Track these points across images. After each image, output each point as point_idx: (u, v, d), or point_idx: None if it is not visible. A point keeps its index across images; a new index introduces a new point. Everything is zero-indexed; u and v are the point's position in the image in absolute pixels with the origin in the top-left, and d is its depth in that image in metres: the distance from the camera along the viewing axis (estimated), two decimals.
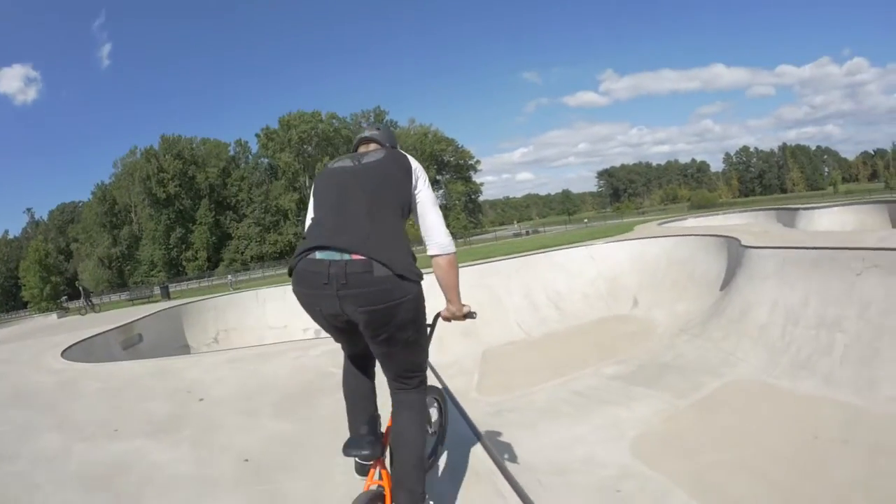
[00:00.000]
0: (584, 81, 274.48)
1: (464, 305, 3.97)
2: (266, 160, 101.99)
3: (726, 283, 16.48)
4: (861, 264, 11.87)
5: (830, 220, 31.05)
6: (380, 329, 3.01)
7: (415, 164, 3.57)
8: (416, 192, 3.48)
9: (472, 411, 6.75)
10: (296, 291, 3.11)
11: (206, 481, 4.99)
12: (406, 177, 3.41)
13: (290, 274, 3.12)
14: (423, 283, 3.29)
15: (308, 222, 3.35)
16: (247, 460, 5.41)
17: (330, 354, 9.58)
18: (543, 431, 9.88)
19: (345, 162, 3.47)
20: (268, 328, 17.30)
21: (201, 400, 7.40)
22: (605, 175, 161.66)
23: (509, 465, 5.06)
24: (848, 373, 10.48)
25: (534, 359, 14.67)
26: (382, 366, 3.45)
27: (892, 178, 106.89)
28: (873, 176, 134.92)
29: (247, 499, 4.68)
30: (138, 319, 15.08)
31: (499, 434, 8.51)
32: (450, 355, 14.67)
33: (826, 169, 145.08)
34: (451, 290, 3.77)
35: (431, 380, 4.91)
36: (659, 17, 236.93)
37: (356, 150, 3.86)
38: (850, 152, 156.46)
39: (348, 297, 2.84)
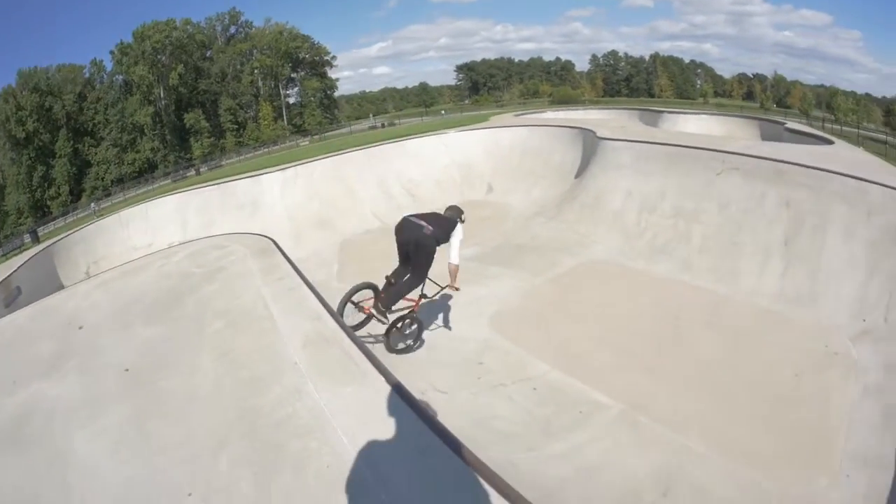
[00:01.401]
0: None
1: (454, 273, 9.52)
2: (121, 77, 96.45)
3: (581, 171, 18.71)
4: (721, 165, 14.25)
5: (697, 125, 33.28)
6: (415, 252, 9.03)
7: (459, 229, 9.54)
8: (453, 235, 9.42)
9: (333, 300, 8.02)
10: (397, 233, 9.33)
11: (96, 401, 5.90)
12: (454, 225, 9.49)
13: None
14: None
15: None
16: (127, 370, 6.46)
17: (190, 258, 10.80)
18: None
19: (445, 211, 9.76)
20: (133, 249, 17.46)
21: (81, 328, 8.04)
22: (465, 69, 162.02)
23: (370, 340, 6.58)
24: (708, 262, 12.79)
25: (391, 245, 15.58)
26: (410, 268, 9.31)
27: (768, 101, 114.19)
28: (748, 96, 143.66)
29: (132, 405, 5.72)
30: (13, 273, 15.00)
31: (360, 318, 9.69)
32: (308, 248, 15.83)
33: (699, 82, 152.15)
34: (453, 278, 9.46)
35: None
36: None
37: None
38: (726, 71, 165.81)
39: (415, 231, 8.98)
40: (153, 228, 17.84)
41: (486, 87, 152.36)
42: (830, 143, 21.28)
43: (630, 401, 8.14)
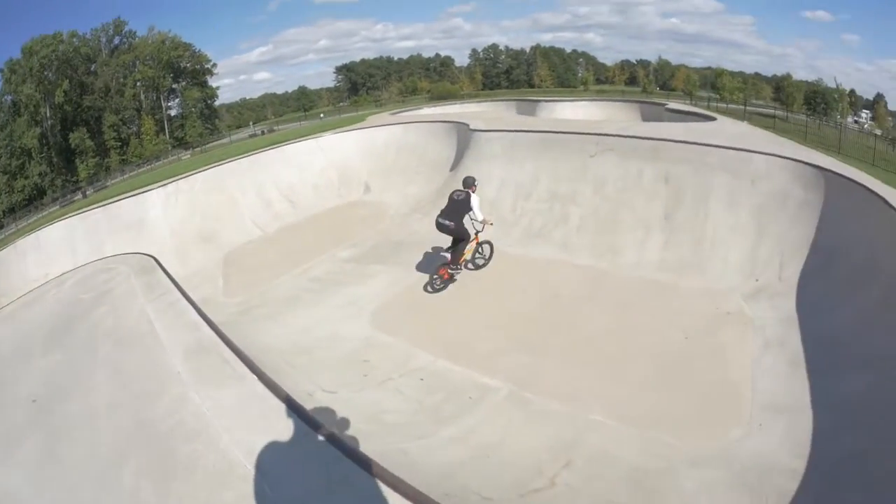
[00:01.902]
0: None
1: (485, 221, 12.37)
2: (10, 97, 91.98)
3: (455, 164, 19.12)
4: (595, 147, 14.86)
5: (574, 112, 34.71)
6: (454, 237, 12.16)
7: (474, 197, 12.23)
8: (472, 205, 12.05)
9: (220, 314, 8.22)
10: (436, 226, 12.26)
11: (10, 436, 6.29)
12: (468, 201, 12.12)
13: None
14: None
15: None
16: (34, 400, 6.87)
17: (80, 284, 11.16)
18: (288, 318, 11.25)
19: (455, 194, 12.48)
20: (32, 281, 16.84)
21: None
22: (345, 70, 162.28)
23: (255, 352, 6.72)
24: (586, 240, 13.31)
25: (272, 254, 15.89)
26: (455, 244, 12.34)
27: (651, 86, 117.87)
28: (632, 82, 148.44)
29: (42, 434, 6.10)
30: None
31: (246, 327, 9.96)
32: (192, 264, 15.57)
33: (580, 70, 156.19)
34: (485, 224, 12.40)
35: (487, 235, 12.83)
36: None
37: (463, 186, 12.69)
38: (609, 59, 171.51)
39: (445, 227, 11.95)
40: (47, 257, 17.04)
41: (365, 88, 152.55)
42: (713, 119, 22.27)
43: (518, 381, 8.31)
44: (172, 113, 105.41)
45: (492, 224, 12.56)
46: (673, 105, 33.32)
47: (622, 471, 6.35)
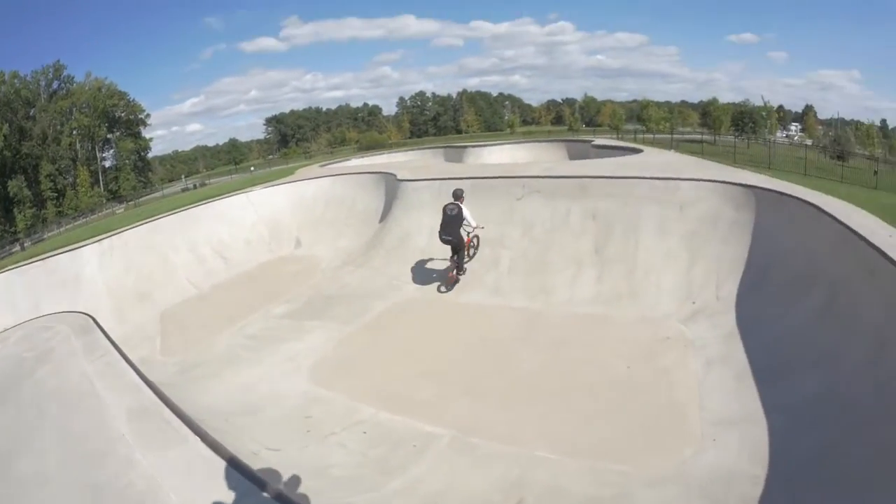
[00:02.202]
0: (267, 27, 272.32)
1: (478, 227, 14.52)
2: None
3: (385, 215, 19.27)
4: (522, 190, 15.26)
5: (501, 156, 35.44)
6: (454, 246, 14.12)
7: (464, 208, 13.99)
8: (465, 216, 13.87)
9: (159, 374, 8.18)
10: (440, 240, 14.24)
11: None
12: (461, 213, 13.92)
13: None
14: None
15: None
16: None
17: (22, 341, 10.86)
18: (228, 377, 11.05)
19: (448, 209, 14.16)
20: None
21: None
22: (274, 121, 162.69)
23: (197, 412, 6.67)
24: (518, 283, 13.54)
25: (208, 312, 15.65)
26: (456, 252, 14.27)
27: (577, 123, 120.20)
28: (558, 121, 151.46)
29: None
30: None
31: (186, 387, 9.83)
32: (130, 323, 15.16)
33: (506, 113, 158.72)
34: (475, 228, 14.47)
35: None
36: None
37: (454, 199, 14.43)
38: (535, 100, 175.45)
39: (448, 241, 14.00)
40: None
41: (294, 139, 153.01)
42: (639, 151, 22.78)
43: (460, 426, 8.31)
44: (107, 164, 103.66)
45: (483, 227, 14.41)
46: (599, 141, 34.04)
47: (576, 502, 6.34)
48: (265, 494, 4.97)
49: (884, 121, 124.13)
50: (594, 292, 12.48)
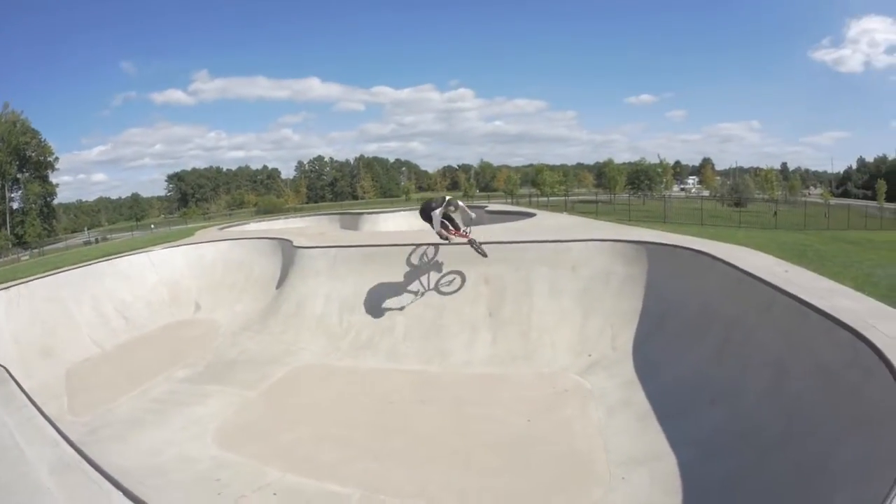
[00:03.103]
0: (178, 79, 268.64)
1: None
2: None
3: (281, 281, 19.39)
4: (419, 259, 15.65)
5: (396, 222, 36.20)
6: None
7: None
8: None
9: (70, 433, 7.97)
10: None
11: None
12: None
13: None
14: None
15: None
16: None
17: None
18: (135, 440, 10.91)
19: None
20: None
21: None
22: (175, 179, 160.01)
23: (111, 472, 6.63)
24: (414, 347, 13.81)
25: (112, 372, 15.28)
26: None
27: (472, 189, 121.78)
28: (454, 186, 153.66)
29: None
30: None
31: (98, 448, 9.62)
32: (37, 378, 14.54)
33: (403, 179, 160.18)
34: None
35: None
36: (265, 23, 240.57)
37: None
38: (431, 166, 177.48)
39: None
40: None
41: (194, 199, 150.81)
42: (532, 215, 23.46)
43: (367, 486, 8.45)
44: (14, 206, 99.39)
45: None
46: (492, 206, 35.05)
47: None
48: None
49: (784, 164, 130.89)
50: (490, 353, 12.89)
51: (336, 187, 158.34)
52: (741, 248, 11.94)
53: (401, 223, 35.86)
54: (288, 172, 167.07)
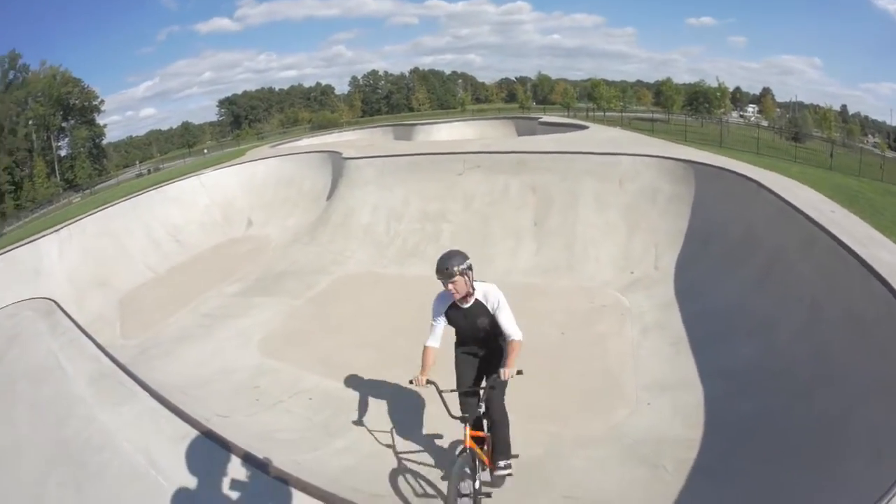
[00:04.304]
0: (221, 8, 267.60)
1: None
2: None
3: (331, 193, 19.54)
4: (463, 166, 15.54)
5: (450, 132, 36.15)
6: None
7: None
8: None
9: (120, 356, 8.38)
10: None
11: None
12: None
13: None
14: None
15: None
16: None
17: None
18: (183, 354, 11.28)
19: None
20: None
21: None
22: (227, 103, 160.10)
23: (154, 386, 7.04)
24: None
25: (164, 294, 15.75)
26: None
27: (528, 101, 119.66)
28: (511, 99, 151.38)
29: None
30: None
31: (145, 366, 10.02)
32: (90, 311, 15.10)
33: (459, 91, 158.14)
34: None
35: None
36: None
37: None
38: (488, 78, 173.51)
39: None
40: None
41: (247, 121, 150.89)
42: (585, 128, 23.09)
43: (400, 391, 8.54)
44: (62, 153, 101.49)
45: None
46: (546, 118, 34.51)
47: None
48: (202, 436, 5.61)
49: (844, 106, 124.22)
50: (533, 263, 12.83)
51: (391, 100, 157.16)
52: (791, 180, 11.56)
53: (454, 133, 35.97)
54: (342, 88, 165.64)
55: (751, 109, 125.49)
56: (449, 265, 6.13)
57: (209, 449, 5.42)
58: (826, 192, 10.61)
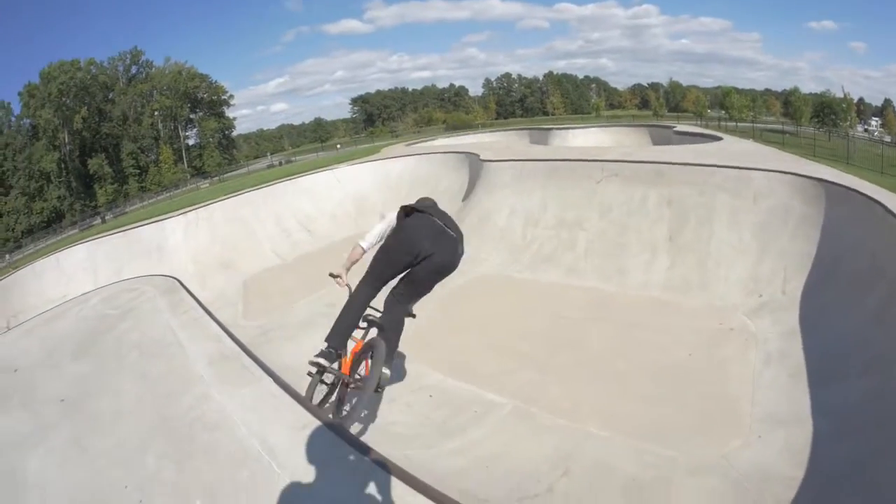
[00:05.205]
0: (350, 9, 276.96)
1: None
2: (28, 121, 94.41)
3: (467, 194, 19.64)
4: (601, 174, 15.29)
5: (585, 139, 35.67)
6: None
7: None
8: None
9: (240, 336, 8.53)
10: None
11: (39, 429, 6.92)
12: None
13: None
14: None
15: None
16: (62, 400, 7.53)
17: (105, 301, 11.79)
18: (305, 341, 11.24)
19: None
20: (49, 301, 17.24)
21: (16, 371, 9.12)
22: (360, 101, 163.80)
23: (278, 371, 7.09)
24: (594, 264, 13.68)
25: (290, 280, 16.29)
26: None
27: (661, 108, 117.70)
28: (644, 105, 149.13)
29: (70, 428, 6.78)
30: None
31: (265, 347, 10.51)
32: (213, 290, 15.99)
33: (593, 96, 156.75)
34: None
35: None
36: None
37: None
38: (621, 84, 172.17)
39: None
40: (66, 278, 17.61)
41: (381, 119, 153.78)
42: (719, 139, 22.56)
43: (523, 397, 8.59)
44: (190, 142, 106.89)
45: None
46: (681, 127, 33.83)
47: (619, 480, 6.56)
48: (323, 426, 5.52)
49: None
50: (665, 278, 12.55)
51: (525, 103, 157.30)
52: None
53: (590, 139, 35.53)
54: (476, 90, 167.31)
55: (874, 122, 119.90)
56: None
57: (328, 439, 5.38)
58: None
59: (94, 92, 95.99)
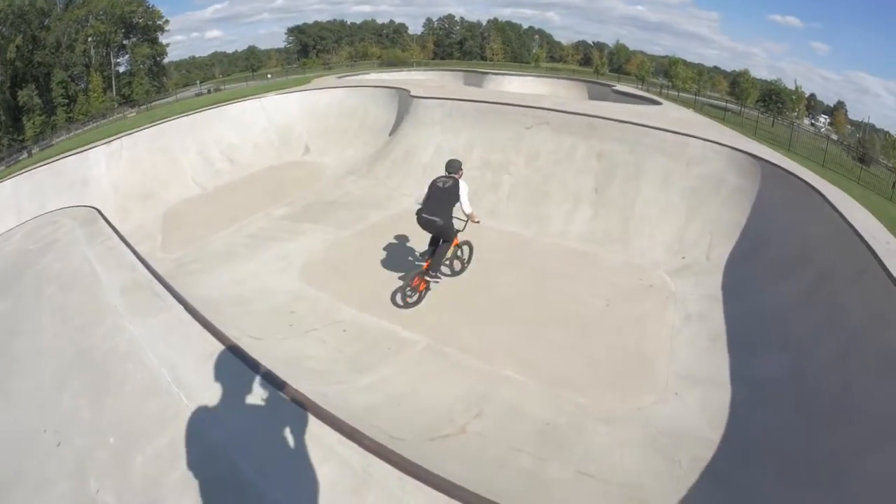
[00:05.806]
0: None
1: (472, 217, 9.99)
2: None
3: (394, 129, 19.54)
4: (532, 120, 15.40)
5: (521, 86, 35.60)
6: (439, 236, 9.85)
7: (461, 183, 9.80)
8: (461, 195, 9.65)
9: (157, 268, 8.35)
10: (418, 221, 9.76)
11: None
12: (456, 189, 9.65)
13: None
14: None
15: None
16: None
17: (26, 236, 11.42)
18: (222, 272, 11.54)
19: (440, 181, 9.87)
20: None
21: None
22: (296, 31, 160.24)
23: (191, 301, 7.03)
24: (515, 208, 13.87)
25: (210, 211, 16.06)
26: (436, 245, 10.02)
27: (603, 67, 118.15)
28: (585, 62, 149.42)
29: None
30: None
31: (182, 280, 10.36)
32: (133, 222, 15.54)
33: (535, 47, 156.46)
34: (471, 219, 9.93)
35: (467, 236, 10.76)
36: None
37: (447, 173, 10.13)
38: (565, 38, 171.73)
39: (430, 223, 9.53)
40: None
41: (315, 50, 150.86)
42: (658, 103, 22.71)
43: (436, 335, 8.75)
44: (121, 69, 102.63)
45: (478, 222, 10.21)
46: (621, 87, 33.90)
47: (531, 424, 6.71)
48: (229, 353, 5.67)
49: None
50: (587, 230, 12.77)
51: (465, 47, 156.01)
52: (854, 201, 11.17)
53: (526, 86, 35.52)
54: (416, 29, 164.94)
55: (823, 119, 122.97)
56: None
57: (236, 368, 5.47)
58: (885, 221, 10.34)
59: (30, 19, 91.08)
